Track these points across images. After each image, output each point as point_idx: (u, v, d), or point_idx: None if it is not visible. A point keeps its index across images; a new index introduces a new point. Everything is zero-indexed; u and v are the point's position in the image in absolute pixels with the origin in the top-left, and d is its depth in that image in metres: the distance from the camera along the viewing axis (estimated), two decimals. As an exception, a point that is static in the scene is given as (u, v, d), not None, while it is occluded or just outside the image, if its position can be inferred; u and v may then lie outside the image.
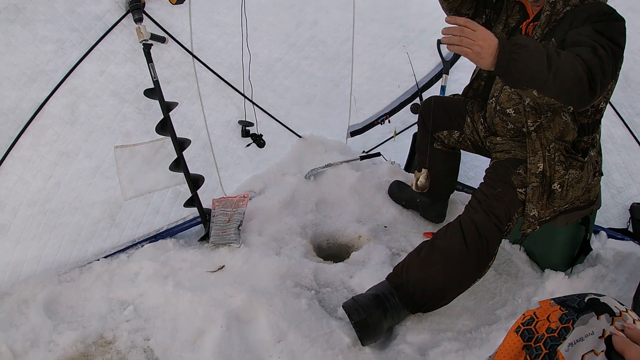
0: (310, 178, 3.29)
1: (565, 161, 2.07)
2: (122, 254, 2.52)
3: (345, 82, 3.68)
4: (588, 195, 2.22)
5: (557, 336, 0.86)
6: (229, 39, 2.92)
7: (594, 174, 2.19)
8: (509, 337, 0.94)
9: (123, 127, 2.52)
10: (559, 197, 2.09)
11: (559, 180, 2.07)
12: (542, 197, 2.08)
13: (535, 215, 2.09)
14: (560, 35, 1.98)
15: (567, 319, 0.87)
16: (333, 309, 2.25)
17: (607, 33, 1.83)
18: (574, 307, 0.89)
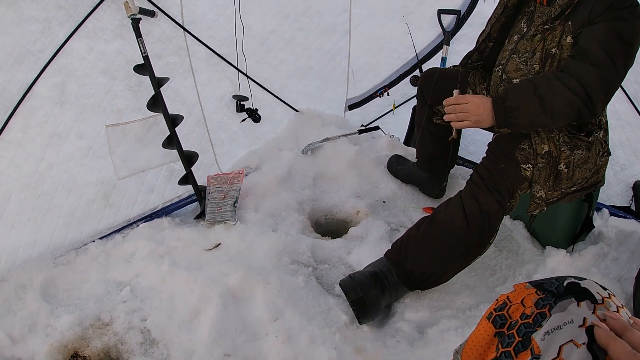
0: (308, 153, 3.28)
1: (569, 142, 2.05)
2: (117, 234, 2.53)
3: (342, 54, 3.64)
4: (597, 176, 2.21)
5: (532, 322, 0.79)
6: (220, 11, 2.88)
7: (602, 154, 2.16)
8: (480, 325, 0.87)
9: (114, 105, 2.50)
10: (565, 178, 2.07)
11: (565, 161, 2.05)
12: (549, 178, 2.07)
13: (542, 196, 2.08)
14: (578, 21, 1.93)
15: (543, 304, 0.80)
16: (331, 286, 2.26)
17: (626, 36, 1.82)
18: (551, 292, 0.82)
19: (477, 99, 1.90)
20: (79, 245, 2.44)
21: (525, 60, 2.11)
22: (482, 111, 1.90)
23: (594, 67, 1.79)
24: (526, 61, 2.11)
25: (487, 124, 1.93)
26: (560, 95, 1.80)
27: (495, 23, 2.33)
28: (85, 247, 2.44)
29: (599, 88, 1.79)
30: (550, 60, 2.00)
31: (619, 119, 3.10)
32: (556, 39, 1.99)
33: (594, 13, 1.89)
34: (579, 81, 1.79)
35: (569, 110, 1.83)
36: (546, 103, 1.82)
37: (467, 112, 1.92)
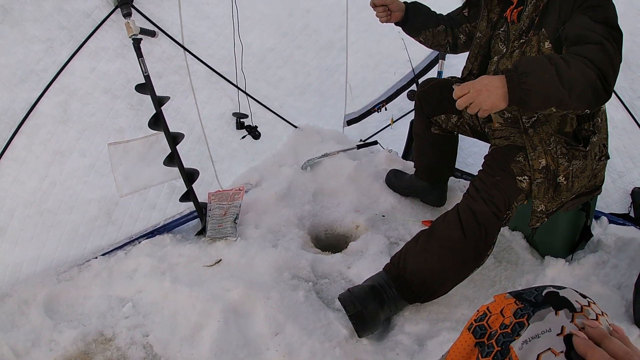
0: (307, 168, 3.32)
1: (567, 153, 2.06)
2: (119, 251, 2.57)
3: (340, 71, 3.71)
4: (594, 181, 2.22)
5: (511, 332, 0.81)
6: (220, 31, 2.95)
7: (599, 158, 2.16)
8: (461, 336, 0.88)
9: (116, 124, 2.56)
10: (565, 190, 2.08)
11: (564, 173, 2.05)
12: (548, 191, 2.08)
13: (542, 210, 2.10)
14: (551, 26, 1.96)
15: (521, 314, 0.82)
16: (331, 301, 2.28)
17: (606, 20, 1.82)
18: (530, 301, 0.84)
19: (477, 83, 1.71)
20: (82, 262, 2.48)
21: None
22: (486, 94, 1.68)
23: (595, 45, 1.74)
24: None
25: (501, 101, 1.67)
26: (575, 67, 1.67)
27: (475, 61, 2.39)
28: (88, 263, 2.48)
29: (607, 62, 1.71)
30: None
31: (615, 127, 3.13)
32: (534, 48, 2.02)
33: (565, 11, 1.92)
34: (587, 58, 1.69)
35: (586, 83, 1.67)
36: (562, 72, 1.65)
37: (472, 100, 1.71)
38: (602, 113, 2.19)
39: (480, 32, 2.33)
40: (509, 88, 1.66)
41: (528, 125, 2.08)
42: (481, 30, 2.32)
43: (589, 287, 2.29)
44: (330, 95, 3.76)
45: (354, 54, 3.69)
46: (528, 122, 2.08)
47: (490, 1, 2.29)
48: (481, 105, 1.68)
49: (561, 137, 2.06)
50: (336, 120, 3.89)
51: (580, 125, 2.10)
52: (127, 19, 2.41)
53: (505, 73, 1.68)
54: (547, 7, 1.99)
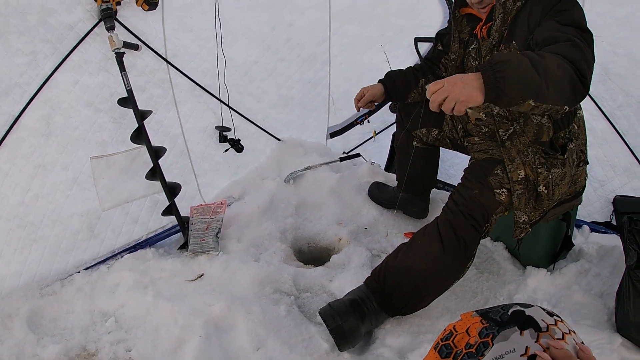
0: (290, 181, 3.39)
1: (546, 162, 2.12)
2: (102, 265, 2.61)
3: (323, 84, 3.79)
4: (575, 187, 2.29)
5: (475, 352, 0.82)
6: (203, 44, 3.01)
7: (577, 164, 2.24)
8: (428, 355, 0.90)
9: (99, 137, 2.61)
10: (546, 199, 2.15)
11: (544, 182, 2.12)
12: (529, 201, 2.14)
13: (525, 220, 2.17)
14: (521, 37, 2.03)
15: (486, 333, 0.83)
16: (313, 314, 2.32)
17: (573, 23, 1.86)
18: (495, 320, 0.85)
19: (452, 77, 1.66)
20: (65, 276, 2.52)
21: None
22: (461, 85, 1.62)
23: (565, 42, 1.76)
24: None
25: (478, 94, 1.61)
26: (550, 58, 1.67)
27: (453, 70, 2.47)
28: (71, 277, 2.52)
29: (579, 56, 1.71)
30: None
31: (596, 136, 3.21)
32: None
33: (533, 22, 1.98)
34: (559, 54, 1.70)
35: (562, 73, 1.66)
36: (536, 61, 1.63)
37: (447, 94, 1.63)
38: (578, 119, 2.25)
39: (454, 53, 2.42)
40: (484, 79, 1.61)
41: (505, 137, 2.15)
42: (454, 52, 2.41)
43: (571, 296, 2.35)
44: (313, 108, 3.84)
45: (336, 66, 3.78)
46: (505, 135, 2.15)
47: (460, 22, 2.38)
48: (458, 97, 1.62)
49: (538, 147, 2.12)
50: (319, 132, 3.97)
51: (556, 134, 2.16)
52: (110, 32, 2.47)
53: (479, 67, 1.65)
54: (516, 20, 2.06)
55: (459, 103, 1.63)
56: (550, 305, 2.24)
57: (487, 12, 2.20)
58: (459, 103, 1.63)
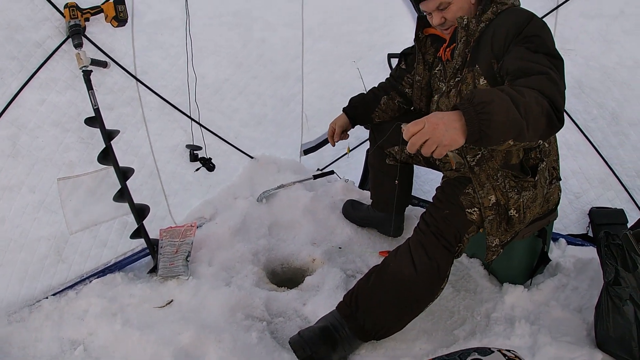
0: (263, 201, 3.40)
1: (516, 185, 2.13)
2: (70, 290, 2.57)
3: (296, 100, 3.83)
4: (547, 205, 2.32)
5: None
6: (173, 61, 3.02)
7: (549, 182, 2.26)
8: None
9: (66, 158, 2.58)
10: (517, 222, 2.16)
11: (515, 206, 2.13)
12: (501, 225, 2.15)
13: (497, 243, 2.19)
14: (485, 60, 2.03)
15: None
16: (285, 341, 2.28)
17: (543, 48, 1.86)
18: None
19: (432, 116, 1.58)
20: (33, 302, 2.47)
21: None
22: (443, 127, 1.54)
23: (540, 75, 1.75)
24: None
25: (459, 137, 1.55)
26: (529, 95, 1.63)
27: (420, 102, 2.56)
28: (39, 303, 2.47)
29: (556, 91, 1.71)
30: None
31: (570, 149, 3.30)
32: (470, 86, 2.10)
33: (498, 45, 1.97)
34: (535, 89, 1.68)
35: (540, 111, 1.63)
36: (517, 100, 1.59)
37: (428, 137, 1.54)
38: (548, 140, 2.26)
39: (419, 75, 2.48)
40: (467, 121, 1.55)
41: (473, 163, 2.16)
42: (419, 74, 2.47)
43: (549, 312, 2.37)
44: (287, 125, 3.88)
45: (309, 84, 3.83)
46: (473, 161, 2.16)
47: (424, 44, 2.44)
48: (440, 140, 1.54)
49: (508, 171, 2.14)
50: (293, 150, 3.99)
51: (526, 155, 2.17)
52: (78, 49, 2.46)
53: (459, 107, 1.57)
54: (479, 43, 2.08)
55: (441, 147, 1.56)
56: (528, 322, 2.27)
57: (450, 33, 2.24)
58: (441, 147, 1.56)
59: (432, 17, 2.20)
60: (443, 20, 2.16)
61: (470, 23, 2.08)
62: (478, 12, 2.10)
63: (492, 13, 2.06)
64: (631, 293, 1.97)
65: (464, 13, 2.12)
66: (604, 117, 3.19)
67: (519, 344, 2.14)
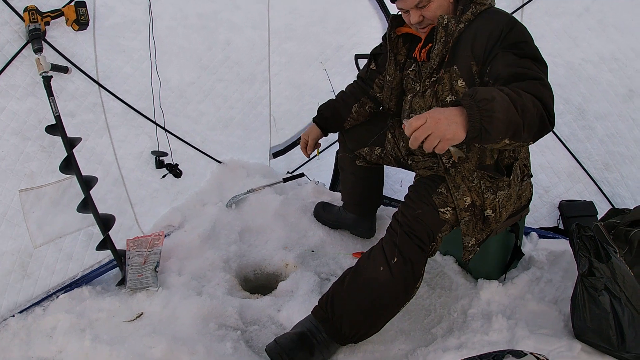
0: (232, 206, 3.40)
1: (492, 185, 2.17)
2: (37, 307, 2.51)
3: (264, 103, 3.84)
4: (520, 202, 2.37)
5: None
6: (136, 65, 2.99)
7: (521, 179, 2.30)
8: None
9: (27, 168, 2.52)
10: (494, 221, 2.22)
11: (491, 206, 2.18)
12: (477, 225, 2.20)
13: (473, 243, 2.23)
14: (464, 62, 2.07)
15: None
16: (261, 349, 2.27)
17: (530, 55, 1.93)
18: None
19: (434, 111, 1.63)
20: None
21: None
22: (445, 122, 1.59)
23: (535, 80, 1.82)
24: None
25: (460, 133, 1.60)
26: (525, 97, 1.70)
27: (390, 101, 2.56)
28: (5, 322, 2.41)
29: (549, 96, 1.81)
30: None
31: (538, 144, 3.21)
32: (447, 87, 2.14)
33: (479, 47, 2.01)
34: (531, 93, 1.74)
35: (535, 112, 1.71)
36: (515, 100, 1.65)
37: (430, 131, 1.58)
38: None
39: (390, 75, 2.48)
40: (469, 116, 1.60)
41: (448, 165, 2.20)
42: (390, 74, 2.48)
43: (525, 306, 2.41)
44: (255, 128, 3.88)
45: (276, 85, 3.84)
46: (448, 162, 2.20)
47: (395, 44, 2.43)
48: (443, 134, 1.58)
49: (483, 172, 2.18)
50: (261, 153, 4.00)
51: (501, 155, 2.22)
52: (38, 54, 2.42)
53: (462, 102, 1.63)
54: (457, 44, 2.10)
55: (444, 141, 1.60)
56: (505, 317, 2.30)
57: (426, 32, 2.25)
58: (443, 141, 1.60)
59: (409, 15, 2.20)
60: (421, 18, 2.17)
61: (449, 23, 2.09)
62: (458, 12, 2.13)
63: (472, 14, 2.08)
64: (606, 283, 2.02)
65: (443, 12, 2.14)
66: (570, 112, 3.26)
67: (497, 339, 2.17)
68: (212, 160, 3.66)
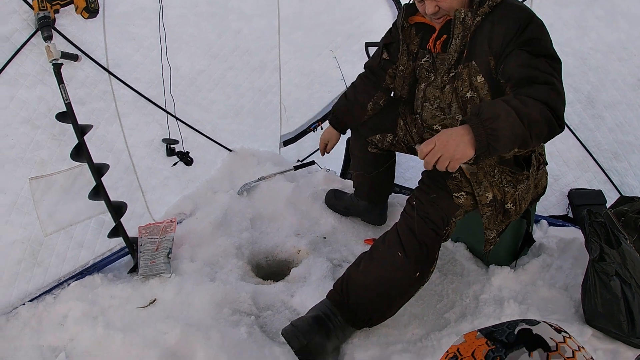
0: (243, 194, 3.37)
1: (512, 180, 2.18)
2: (47, 295, 2.50)
3: (274, 91, 3.80)
4: (536, 190, 2.37)
5: None
6: (146, 53, 2.95)
7: (537, 168, 2.28)
8: None
9: (37, 156, 2.50)
10: (514, 214, 2.22)
11: (511, 199, 2.18)
12: (497, 218, 2.20)
13: (494, 235, 2.23)
14: (482, 57, 2.04)
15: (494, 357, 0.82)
16: (276, 334, 2.29)
17: (544, 52, 1.92)
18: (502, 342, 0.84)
19: (442, 134, 1.75)
20: (9, 309, 2.41)
21: (438, 107, 2.28)
22: (453, 143, 1.71)
23: (545, 85, 1.84)
24: (442, 109, 2.27)
25: (469, 150, 1.72)
26: (533, 107, 1.76)
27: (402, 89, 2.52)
28: (16, 310, 2.40)
29: (559, 101, 1.83)
30: (470, 105, 2.13)
31: None
32: (466, 82, 2.11)
33: (496, 43, 1.99)
34: (540, 100, 1.79)
35: (543, 121, 1.77)
36: (522, 113, 1.72)
37: (440, 154, 1.72)
38: None
39: (403, 65, 2.43)
40: (475, 136, 1.71)
41: (470, 162, 2.13)
42: (403, 64, 2.43)
43: (537, 292, 2.42)
44: (265, 117, 3.84)
45: (286, 73, 3.79)
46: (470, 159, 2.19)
47: (408, 34, 2.38)
48: (452, 155, 1.71)
49: (505, 167, 2.17)
50: (272, 141, 3.97)
51: None
52: (47, 42, 2.38)
53: (468, 122, 1.73)
54: (475, 38, 2.06)
55: (454, 161, 1.73)
56: (517, 302, 2.30)
57: (441, 23, 2.20)
58: (453, 161, 1.73)
59: (423, 5, 2.15)
60: (437, 9, 2.11)
61: (466, 17, 2.05)
62: (475, 5, 2.07)
63: (488, 6, 2.04)
64: (617, 269, 2.04)
65: (458, 3, 2.09)
66: (580, 101, 3.23)
67: (509, 324, 2.16)
68: (223, 148, 3.62)
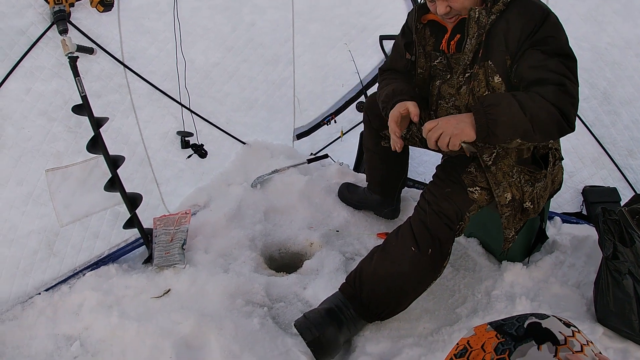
0: (257, 186, 3.35)
1: (530, 179, 2.15)
2: (63, 285, 2.51)
3: (288, 84, 3.77)
4: (553, 187, 2.33)
5: None
6: (161, 46, 2.94)
7: (553, 164, 2.24)
8: None
9: (53, 148, 2.50)
10: (532, 212, 2.20)
11: (529, 198, 2.16)
12: (516, 217, 2.18)
13: (513, 234, 2.22)
14: (498, 56, 1.99)
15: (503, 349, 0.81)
16: (288, 325, 2.28)
17: (559, 52, 1.89)
18: (511, 335, 0.83)
19: (444, 117, 1.92)
20: (25, 299, 2.42)
21: (453, 104, 2.21)
22: (454, 122, 1.86)
23: (556, 86, 1.84)
24: (457, 107, 2.20)
25: (470, 132, 1.84)
26: (539, 102, 1.82)
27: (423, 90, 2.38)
28: (32, 300, 2.41)
29: (569, 103, 1.84)
30: None
31: None
32: (482, 83, 2.05)
33: (512, 42, 1.94)
34: (549, 101, 1.82)
35: (547, 114, 1.82)
36: (525, 105, 1.81)
37: (442, 130, 1.86)
38: None
39: (421, 68, 2.32)
40: (475, 118, 1.82)
41: (489, 162, 2.12)
42: (421, 67, 2.31)
43: (549, 289, 2.38)
44: (279, 110, 3.81)
45: (301, 66, 3.76)
46: (489, 160, 2.12)
47: (422, 35, 2.28)
48: (452, 131, 1.83)
49: (523, 167, 2.14)
50: (285, 134, 3.94)
51: (536, 146, 2.17)
52: (63, 35, 2.37)
53: (471, 108, 1.85)
54: (490, 38, 2.00)
55: (454, 136, 1.85)
56: (529, 299, 2.27)
57: (454, 22, 2.13)
58: (453, 136, 1.85)
59: (434, 5, 2.07)
60: (448, 9, 2.04)
61: (481, 15, 1.99)
62: (489, 2, 2.00)
63: (503, 4, 1.98)
64: (630, 267, 1.99)
65: (471, 2, 2.01)
66: (595, 97, 3.15)
67: (520, 320, 2.13)
68: (237, 141, 3.60)
